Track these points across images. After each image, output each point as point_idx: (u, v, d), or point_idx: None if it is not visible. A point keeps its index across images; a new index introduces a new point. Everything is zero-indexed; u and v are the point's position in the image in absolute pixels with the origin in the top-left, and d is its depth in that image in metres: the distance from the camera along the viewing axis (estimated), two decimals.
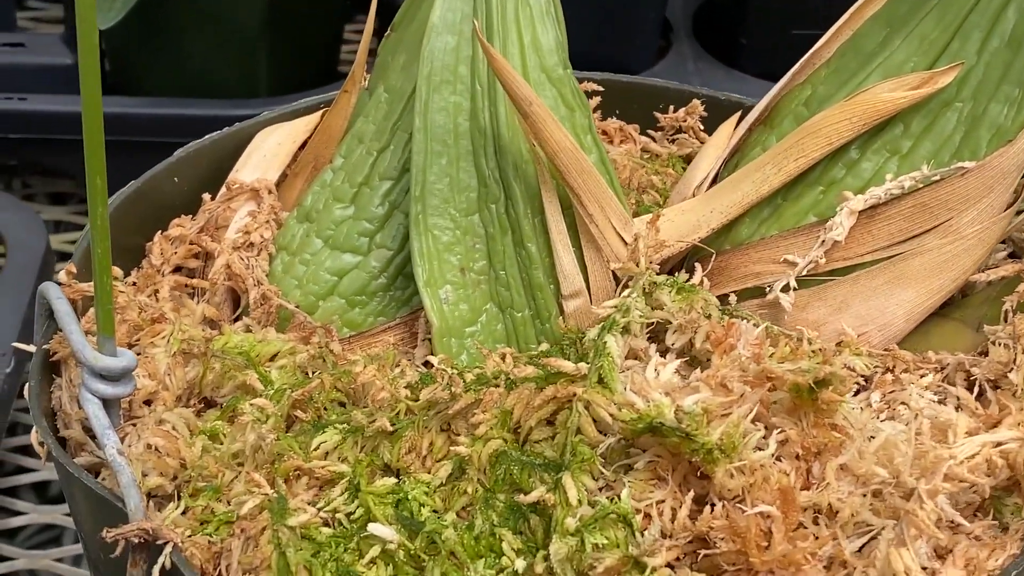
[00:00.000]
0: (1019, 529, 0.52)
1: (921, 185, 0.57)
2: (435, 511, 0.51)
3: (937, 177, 0.56)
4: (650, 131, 0.77)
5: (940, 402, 0.56)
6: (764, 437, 0.50)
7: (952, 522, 0.49)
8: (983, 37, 0.57)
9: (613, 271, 0.59)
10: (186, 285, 0.65)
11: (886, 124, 0.58)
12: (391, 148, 0.63)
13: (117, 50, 1.27)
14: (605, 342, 0.52)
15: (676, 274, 0.62)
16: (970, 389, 0.56)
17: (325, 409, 0.56)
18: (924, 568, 0.48)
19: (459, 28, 0.59)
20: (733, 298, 0.59)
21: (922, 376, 0.57)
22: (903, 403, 0.56)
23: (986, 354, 0.57)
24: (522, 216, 0.59)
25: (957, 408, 0.56)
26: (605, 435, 0.51)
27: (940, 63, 0.58)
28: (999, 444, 0.47)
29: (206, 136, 0.73)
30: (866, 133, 0.58)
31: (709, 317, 0.55)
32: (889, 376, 0.57)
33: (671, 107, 0.77)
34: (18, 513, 0.94)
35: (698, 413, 0.48)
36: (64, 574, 0.90)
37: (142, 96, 1.23)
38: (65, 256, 1.11)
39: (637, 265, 0.57)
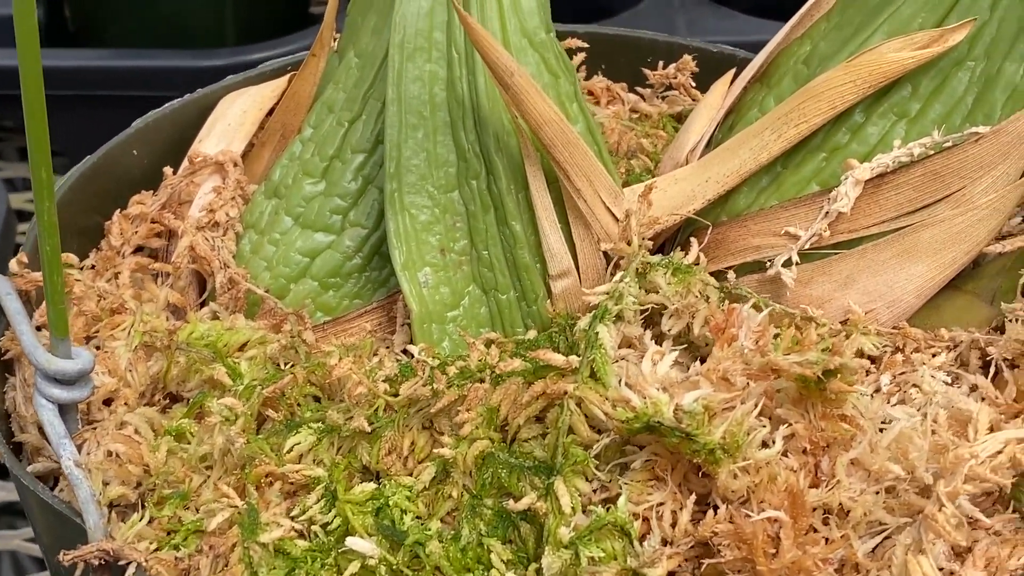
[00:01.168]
0: None
1: (932, 152, 0.53)
2: (418, 517, 0.48)
3: (949, 143, 0.52)
4: (639, 88, 0.73)
5: (953, 383, 0.53)
6: (769, 433, 0.47)
7: (971, 518, 0.45)
8: None
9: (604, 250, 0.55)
10: (149, 267, 0.61)
11: (893, 85, 0.54)
12: (363, 118, 0.59)
13: None
14: (597, 333, 0.48)
15: (670, 250, 0.58)
16: (985, 368, 0.53)
17: (299, 405, 0.52)
18: (941, 569, 0.45)
19: None
20: (732, 275, 0.55)
21: (934, 355, 0.53)
22: (915, 385, 0.52)
23: (1001, 330, 0.53)
24: (505, 192, 0.55)
25: (973, 390, 0.52)
26: (600, 433, 0.48)
27: (950, 19, 0.54)
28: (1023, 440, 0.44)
29: (166, 104, 0.68)
30: (872, 95, 0.54)
31: (708, 300, 0.51)
32: (899, 356, 0.53)
33: (660, 62, 0.73)
34: None
35: (699, 412, 0.45)
36: (36, 553, 0.87)
37: (105, 46, 1.19)
38: (29, 215, 1.07)
39: (629, 245, 0.53)
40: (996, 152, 0.52)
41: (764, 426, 0.47)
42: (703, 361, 0.48)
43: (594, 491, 0.47)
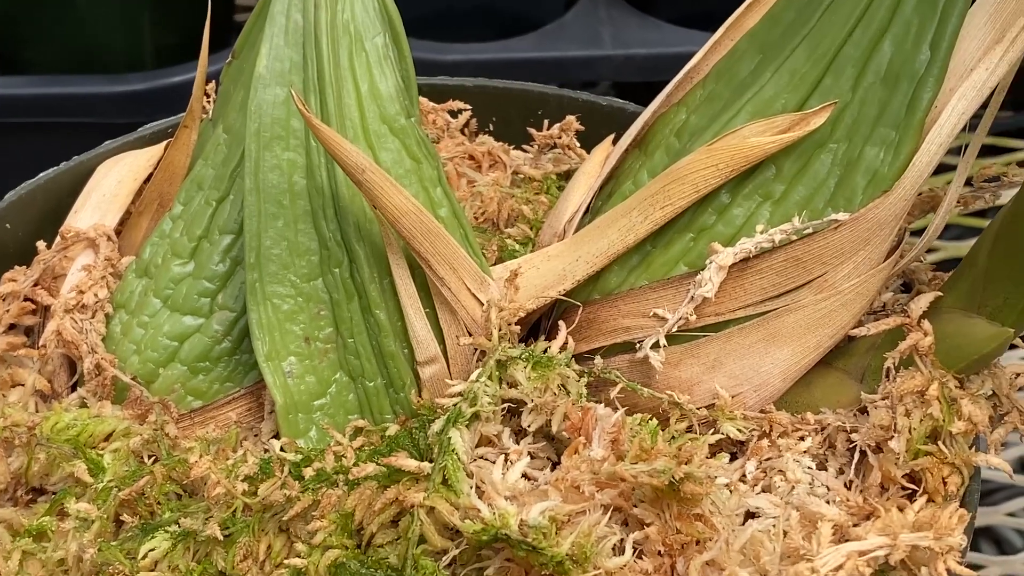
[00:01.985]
0: None
1: (794, 238, 0.52)
2: None
3: (809, 230, 0.52)
4: (526, 147, 0.72)
5: (820, 466, 0.53)
6: (621, 540, 0.47)
7: None
8: (857, 73, 0.52)
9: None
10: (15, 352, 0.60)
11: (758, 166, 0.54)
12: (231, 198, 0.58)
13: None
14: (449, 438, 0.48)
15: (547, 325, 0.58)
16: (852, 451, 0.53)
17: (159, 504, 0.52)
18: None
19: (289, 79, 0.54)
20: (599, 361, 0.55)
21: (801, 439, 0.53)
22: (780, 471, 0.52)
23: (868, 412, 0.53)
24: (368, 280, 0.54)
25: (841, 474, 0.52)
26: (455, 536, 0.47)
27: (812, 100, 0.53)
28: (865, 552, 0.44)
29: (40, 175, 0.67)
30: (737, 176, 0.54)
31: (568, 394, 0.51)
32: (765, 441, 0.53)
33: (546, 120, 0.72)
34: None
35: (544, 525, 0.44)
36: None
37: (20, 74, 1.17)
38: None
39: (490, 339, 0.52)
40: (856, 239, 0.52)
41: (615, 533, 0.46)
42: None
43: None
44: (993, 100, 0.53)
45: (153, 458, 0.54)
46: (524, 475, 0.48)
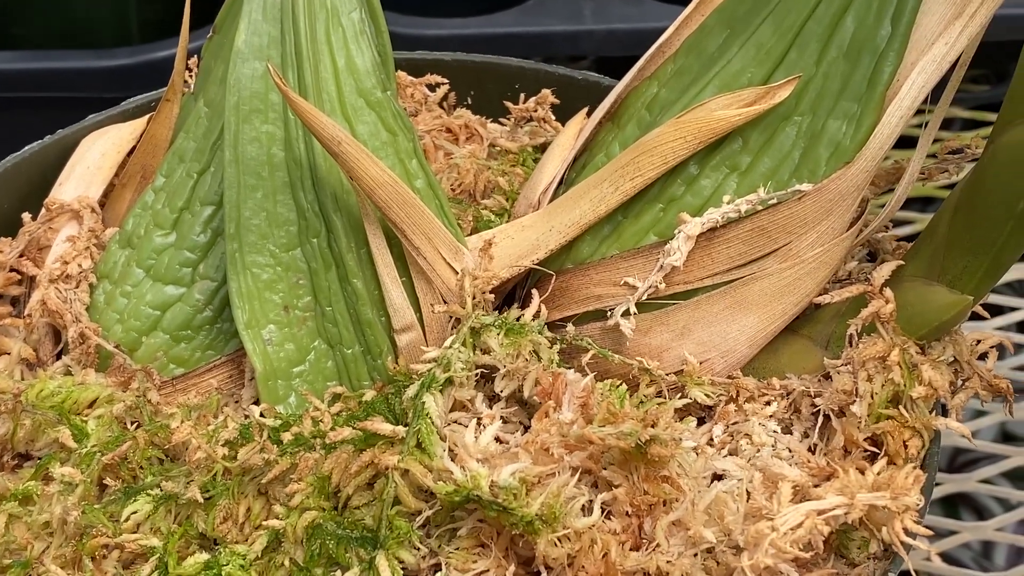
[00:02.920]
0: (866, 566, 0.50)
1: (759, 208, 0.54)
2: None
3: (774, 200, 0.53)
4: (502, 120, 0.73)
5: (785, 430, 0.55)
6: (590, 501, 0.48)
7: None
8: (821, 47, 0.54)
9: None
10: (1, 321, 0.61)
11: (725, 139, 0.55)
12: (212, 170, 0.59)
13: None
14: (423, 402, 0.49)
15: (521, 294, 0.59)
16: (816, 415, 0.54)
17: (141, 468, 0.53)
18: None
19: (267, 53, 0.55)
20: (571, 328, 0.56)
21: (767, 404, 0.55)
22: (747, 435, 0.54)
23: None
24: (345, 250, 0.55)
25: (806, 437, 0.54)
26: (429, 498, 0.49)
27: (777, 74, 0.55)
28: (824, 512, 0.45)
29: (25, 148, 0.68)
30: (705, 148, 0.55)
31: (540, 360, 0.52)
32: (732, 406, 0.55)
33: (522, 94, 0.73)
34: None
35: (514, 486, 0.46)
36: None
37: (8, 48, 1.18)
38: None
39: (463, 307, 0.54)
40: (819, 209, 0.53)
41: (583, 494, 0.48)
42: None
43: (423, 558, 0.49)
44: (954, 75, 0.55)
45: (136, 424, 0.55)
46: (497, 438, 0.49)
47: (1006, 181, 0.50)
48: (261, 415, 0.54)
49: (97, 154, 0.67)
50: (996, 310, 0.94)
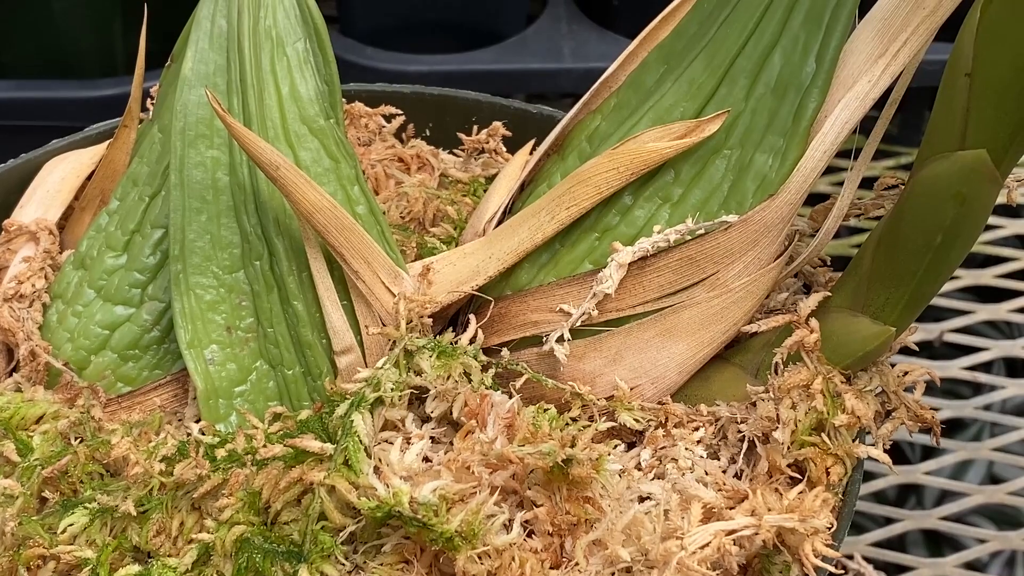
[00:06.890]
0: None
1: (688, 238, 0.55)
2: None
3: (702, 231, 0.55)
4: (457, 151, 0.75)
5: (712, 456, 0.56)
6: (511, 520, 0.49)
7: None
8: (749, 83, 0.55)
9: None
10: None
11: (658, 171, 0.56)
12: (163, 194, 0.61)
13: None
14: (352, 421, 0.51)
15: (463, 320, 0.61)
16: (742, 443, 0.56)
17: (81, 482, 0.54)
18: None
19: (213, 80, 0.57)
20: (506, 352, 0.58)
21: (695, 429, 0.56)
22: (673, 459, 0.55)
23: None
24: (286, 273, 0.57)
25: (733, 463, 0.55)
26: (356, 515, 0.50)
27: (708, 109, 0.56)
28: (732, 532, 0.46)
29: None
30: (639, 179, 0.57)
31: (471, 382, 0.54)
32: (661, 431, 0.56)
33: (475, 127, 0.75)
34: None
35: (434, 503, 0.47)
36: None
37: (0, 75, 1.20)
38: None
39: (398, 329, 0.55)
40: (745, 240, 0.55)
41: (504, 512, 0.49)
42: None
43: (348, 572, 0.50)
44: (885, 111, 0.56)
45: (79, 439, 0.57)
46: (425, 458, 0.51)
47: (924, 215, 0.52)
48: (201, 432, 0.55)
49: (57, 178, 0.69)
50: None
